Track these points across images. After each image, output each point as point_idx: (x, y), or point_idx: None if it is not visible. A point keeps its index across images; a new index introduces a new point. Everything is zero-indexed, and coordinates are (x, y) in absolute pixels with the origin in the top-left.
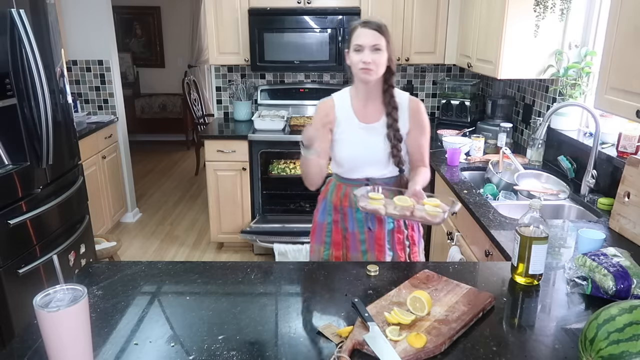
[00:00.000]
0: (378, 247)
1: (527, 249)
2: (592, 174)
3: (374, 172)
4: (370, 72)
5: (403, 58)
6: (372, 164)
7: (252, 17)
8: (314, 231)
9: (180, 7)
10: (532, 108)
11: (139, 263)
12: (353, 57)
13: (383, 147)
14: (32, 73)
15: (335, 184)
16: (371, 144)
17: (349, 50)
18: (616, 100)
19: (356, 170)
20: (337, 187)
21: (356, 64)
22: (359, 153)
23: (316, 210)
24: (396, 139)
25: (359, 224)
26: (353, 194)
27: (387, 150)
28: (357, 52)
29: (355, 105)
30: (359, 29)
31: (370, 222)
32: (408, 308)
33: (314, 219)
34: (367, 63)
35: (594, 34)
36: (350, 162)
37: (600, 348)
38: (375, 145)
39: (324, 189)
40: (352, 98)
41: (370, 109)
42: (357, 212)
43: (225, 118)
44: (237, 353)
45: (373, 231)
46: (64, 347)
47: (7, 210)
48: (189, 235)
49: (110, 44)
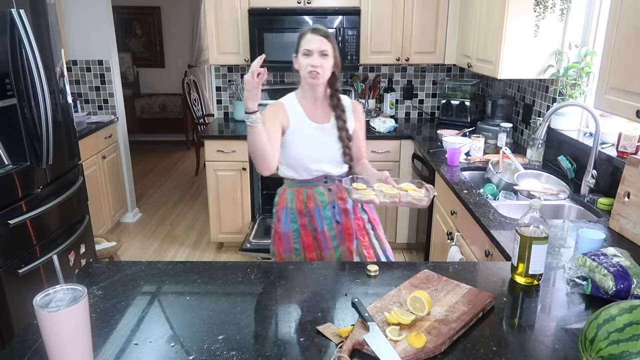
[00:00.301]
0: (348, 237)
1: (527, 249)
2: (592, 174)
3: (330, 170)
4: (318, 75)
5: (403, 58)
6: (327, 162)
7: (252, 17)
8: (279, 241)
9: (180, 7)
10: (532, 108)
11: (139, 263)
12: (302, 60)
13: (336, 147)
14: (32, 73)
15: (293, 191)
16: (325, 143)
17: (297, 54)
18: (616, 100)
19: (311, 169)
20: (297, 192)
21: (305, 67)
22: (314, 151)
23: (277, 221)
24: (347, 139)
25: (328, 221)
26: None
27: (340, 150)
28: (305, 56)
29: (304, 106)
30: (308, 35)
31: (338, 215)
32: (408, 308)
33: (275, 230)
34: (315, 67)
35: (594, 34)
36: (305, 160)
37: (600, 348)
38: (329, 144)
39: (279, 199)
40: (299, 100)
41: (319, 110)
42: (325, 209)
43: (225, 118)
44: (237, 353)
45: (341, 224)
46: (64, 347)
47: (7, 210)
48: (189, 235)
49: (110, 44)
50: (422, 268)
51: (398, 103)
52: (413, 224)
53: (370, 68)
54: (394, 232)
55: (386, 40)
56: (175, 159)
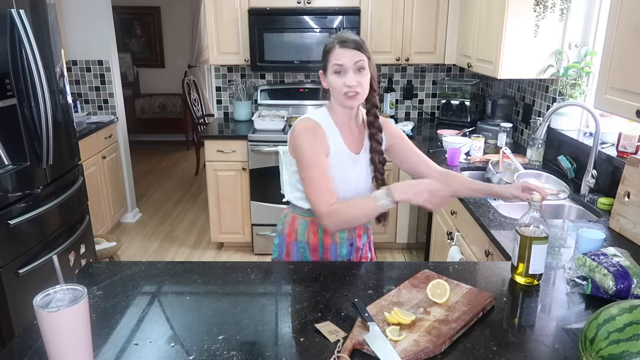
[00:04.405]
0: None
1: (527, 248)
2: (592, 173)
3: None
4: (357, 95)
5: (403, 58)
6: (355, 194)
7: (252, 17)
8: None
9: (180, 7)
10: (532, 108)
11: (139, 263)
12: (333, 80)
13: (366, 176)
14: (32, 73)
15: (306, 222)
16: (357, 173)
17: (324, 71)
18: (616, 100)
19: None
20: (311, 224)
21: (339, 88)
22: (345, 184)
23: (285, 255)
24: (380, 162)
25: (341, 259)
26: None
27: (370, 175)
28: (338, 75)
29: (341, 129)
30: (337, 49)
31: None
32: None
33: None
34: (352, 87)
35: (594, 33)
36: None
37: (601, 348)
38: (361, 174)
39: (287, 229)
40: (334, 121)
41: (355, 134)
42: (342, 247)
43: (225, 118)
44: (237, 353)
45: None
46: (64, 347)
47: (7, 210)
48: (189, 236)
49: (110, 44)
50: (422, 268)
51: (398, 103)
52: (413, 223)
53: None
54: (394, 232)
55: (386, 40)
56: (175, 159)
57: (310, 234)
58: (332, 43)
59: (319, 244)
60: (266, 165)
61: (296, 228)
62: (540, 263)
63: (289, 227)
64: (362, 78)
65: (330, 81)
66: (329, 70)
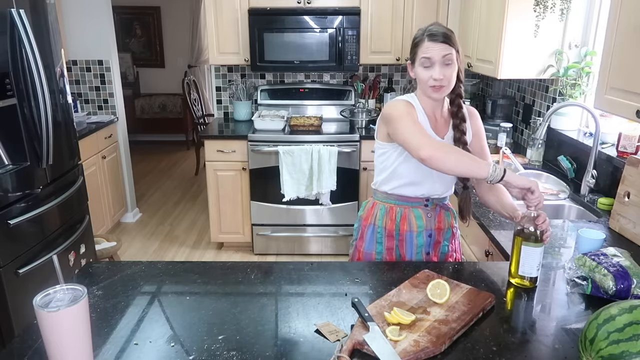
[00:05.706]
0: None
1: (518, 248)
2: (592, 174)
3: (436, 190)
4: (443, 88)
5: (403, 58)
6: (437, 182)
7: (252, 17)
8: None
9: (180, 7)
10: (532, 108)
11: (139, 263)
12: (420, 72)
13: None
14: (32, 73)
15: (385, 207)
16: None
17: (413, 62)
18: (616, 100)
19: (417, 186)
20: (390, 210)
21: (425, 80)
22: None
23: (360, 240)
24: None
25: (418, 250)
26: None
27: None
28: (425, 68)
29: (429, 115)
30: (426, 42)
31: (431, 246)
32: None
33: (356, 248)
34: (438, 80)
35: (594, 34)
36: (414, 178)
37: (600, 348)
38: None
39: (365, 214)
40: (424, 108)
41: (439, 121)
42: (419, 236)
43: (225, 118)
44: (237, 353)
45: (430, 256)
46: (64, 347)
47: (7, 210)
48: (189, 235)
49: (110, 44)
50: (422, 268)
51: None
52: None
53: (370, 68)
54: None
55: (386, 40)
56: (175, 159)
57: (388, 219)
58: (421, 35)
59: (395, 231)
60: (266, 165)
61: (375, 213)
62: (531, 266)
63: (368, 211)
64: (449, 71)
65: (418, 73)
66: (416, 62)
